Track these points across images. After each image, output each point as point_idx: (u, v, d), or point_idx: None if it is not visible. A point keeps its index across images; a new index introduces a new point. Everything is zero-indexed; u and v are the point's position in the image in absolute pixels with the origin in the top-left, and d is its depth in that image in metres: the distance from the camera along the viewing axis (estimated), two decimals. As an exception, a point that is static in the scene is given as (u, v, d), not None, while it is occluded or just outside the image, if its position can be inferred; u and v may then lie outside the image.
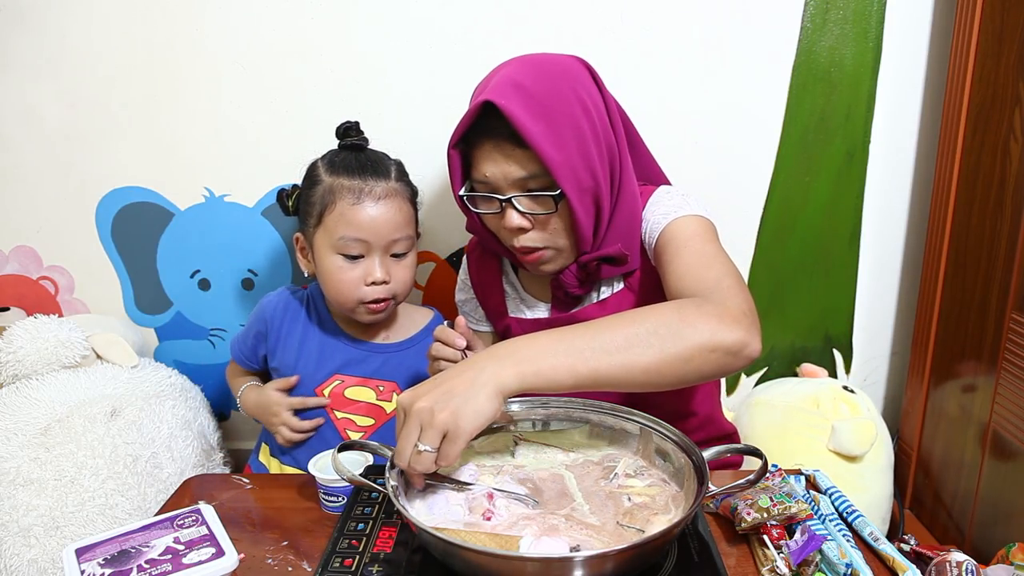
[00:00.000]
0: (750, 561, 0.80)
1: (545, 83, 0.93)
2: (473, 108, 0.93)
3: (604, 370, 0.75)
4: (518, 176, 0.94)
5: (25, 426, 1.17)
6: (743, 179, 1.38)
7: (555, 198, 0.94)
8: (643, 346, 0.76)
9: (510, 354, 0.75)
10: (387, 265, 1.07)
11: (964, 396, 1.23)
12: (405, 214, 1.08)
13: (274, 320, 1.16)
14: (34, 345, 1.23)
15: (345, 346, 1.16)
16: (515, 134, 0.91)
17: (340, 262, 1.06)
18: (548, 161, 0.90)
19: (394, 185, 1.08)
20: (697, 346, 0.77)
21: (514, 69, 0.95)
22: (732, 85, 1.33)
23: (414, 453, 0.72)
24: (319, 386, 1.15)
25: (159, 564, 0.73)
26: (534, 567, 0.68)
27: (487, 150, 0.95)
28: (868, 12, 1.29)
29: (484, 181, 0.96)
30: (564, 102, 0.93)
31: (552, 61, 0.98)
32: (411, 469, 0.73)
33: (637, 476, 0.85)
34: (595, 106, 0.96)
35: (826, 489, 0.95)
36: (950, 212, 1.25)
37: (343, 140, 1.11)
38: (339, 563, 0.79)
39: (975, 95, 1.18)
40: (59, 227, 1.43)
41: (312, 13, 1.30)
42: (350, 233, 1.04)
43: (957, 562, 0.77)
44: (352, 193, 1.04)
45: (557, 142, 0.91)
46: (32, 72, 1.35)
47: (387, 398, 1.17)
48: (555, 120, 0.92)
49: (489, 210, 0.99)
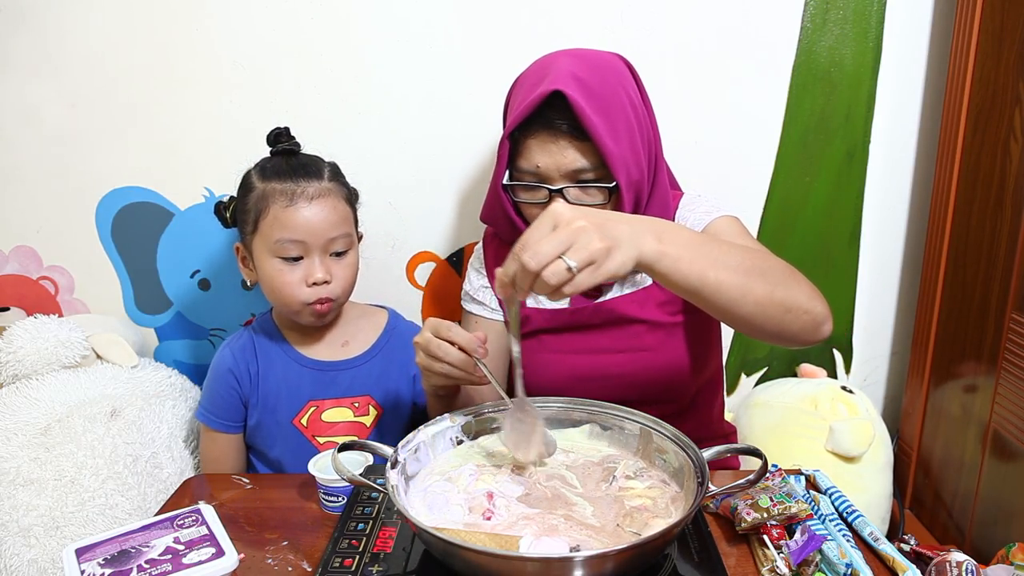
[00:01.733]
0: (750, 561, 0.80)
1: (601, 78, 0.95)
2: (537, 96, 0.93)
3: (726, 285, 0.77)
4: (573, 167, 0.95)
5: (25, 426, 1.17)
6: (743, 179, 1.38)
7: (610, 190, 0.96)
8: (762, 279, 0.79)
9: (658, 229, 0.74)
10: (327, 265, 1.06)
11: (964, 396, 1.23)
12: (341, 212, 1.07)
13: (236, 368, 1.13)
14: (34, 345, 1.23)
15: (311, 371, 1.14)
16: (573, 125, 0.92)
17: (279, 265, 1.05)
18: (607, 154, 0.92)
19: (327, 185, 1.07)
20: (799, 303, 0.82)
21: (571, 62, 0.96)
22: (732, 85, 1.33)
23: (555, 262, 0.67)
24: (296, 416, 1.13)
25: (159, 564, 0.73)
26: (534, 567, 0.68)
27: (542, 140, 0.95)
28: (868, 12, 1.29)
29: (534, 171, 0.97)
30: (617, 97, 0.96)
31: (601, 57, 1.00)
32: (540, 279, 0.68)
33: (637, 478, 0.85)
34: (638, 103, 0.99)
35: (826, 489, 0.95)
36: (950, 212, 1.25)
37: (274, 146, 1.10)
38: (339, 563, 0.79)
39: (975, 95, 1.18)
40: (59, 227, 1.43)
41: (312, 13, 1.30)
42: (286, 235, 1.03)
43: (957, 562, 0.77)
44: (284, 196, 1.03)
45: (614, 136, 0.93)
46: (32, 72, 1.35)
47: (364, 412, 1.15)
48: (611, 114, 0.94)
49: (533, 199, 1.00)
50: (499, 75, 1.32)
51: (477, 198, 1.39)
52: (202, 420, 1.15)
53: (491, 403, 0.94)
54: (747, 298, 0.78)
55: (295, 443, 1.13)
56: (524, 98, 0.96)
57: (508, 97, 1.05)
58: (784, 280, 0.82)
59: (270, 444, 1.15)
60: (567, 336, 1.09)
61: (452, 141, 1.36)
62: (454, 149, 1.36)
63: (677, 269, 0.74)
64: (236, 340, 1.17)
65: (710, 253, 0.77)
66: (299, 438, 1.13)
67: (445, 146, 1.36)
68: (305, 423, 1.13)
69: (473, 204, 1.40)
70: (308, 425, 1.13)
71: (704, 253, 0.76)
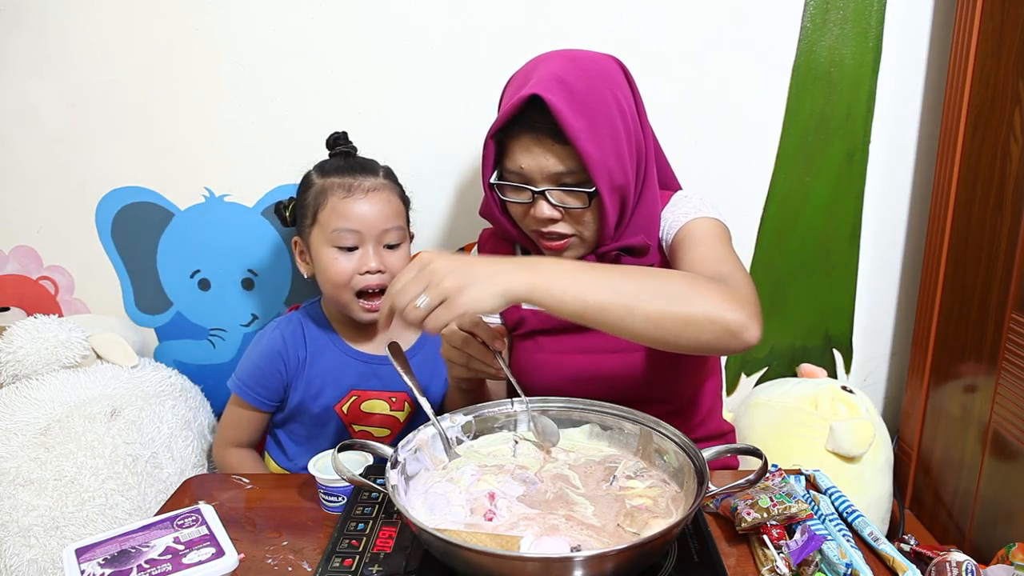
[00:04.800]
0: (750, 561, 0.80)
1: (586, 81, 0.95)
2: (518, 100, 0.94)
3: (609, 306, 0.79)
4: (555, 170, 0.96)
5: (25, 426, 1.17)
6: (743, 179, 1.38)
7: (589, 195, 0.96)
8: (651, 296, 0.80)
9: (530, 264, 0.80)
10: (381, 255, 1.11)
11: (964, 396, 1.23)
12: (395, 207, 1.13)
13: (285, 351, 1.16)
14: (34, 345, 1.23)
15: (356, 361, 1.18)
16: (555, 129, 0.93)
17: (335, 254, 1.10)
18: (587, 158, 0.93)
19: (383, 180, 1.13)
20: (701, 314, 0.81)
21: (557, 65, 0.97)
22: (732, 85, 1.33)
23: (410, 304, 0.76)
24: (338, 403, 1.17)
25: (159, 564, 0.73)
26: (534, 567, 0.68)
27: (525, 142, 0.96)
28: (868, 12, 1.29)
29: (518, 172, 0.98)
30: (603, 101, 0.96)
31: (591, 59, 1.00)
32: (399, 313, 0.77)
33: (638, 477, 0.85)
34: (628, 107, 0.99)
35: (826, 489, 0.95)
36: (950, 212, 1.25)
37: (332, 149, 1.17)
38: (339, 563, 0.79)
39: (975, 95, 1.18)
40: (59, 227, 1.43)
41: (312, 13, 1.30)
42: (342, 224, 1.08)
43: (957, 562, 0.77)
44: (342, 188, 1.09)
45: (596, 139, 0.93)
46: (32, 72, 1.34)
47: (400, 407, 1.20)
48: (595, 118, 0.94)
49: (518, 199, 1.01)
50: (499, 75, 1.32)
51: (477, 198, 1.39)
52: (236, 391, 1.17)
53: (491, 403, 0.94)
54: (636, 316, 0.80)
55: (333, 427, 1.18)
56: (509, 99, 0.97)
57: (501, 96, 1.06)
58: (682, 294, 0.82)
59: (309, 425, 1.19)
60: (563, 337, 1.09)
61: (452, 141, 1.36)
62: (454, 149, 1.36)
63: (554, 299, 0.78)
64: (287, 324, 1.19)
65: (590, 278, 0.81)
66: (338, 423, 1.18)
67: (445, 146, 1.36)
68: (346, 410, 1.17)
69: (473, 204, 1.39)
70: (348, 412, 1.18)
71: (583, 279, 0.80)
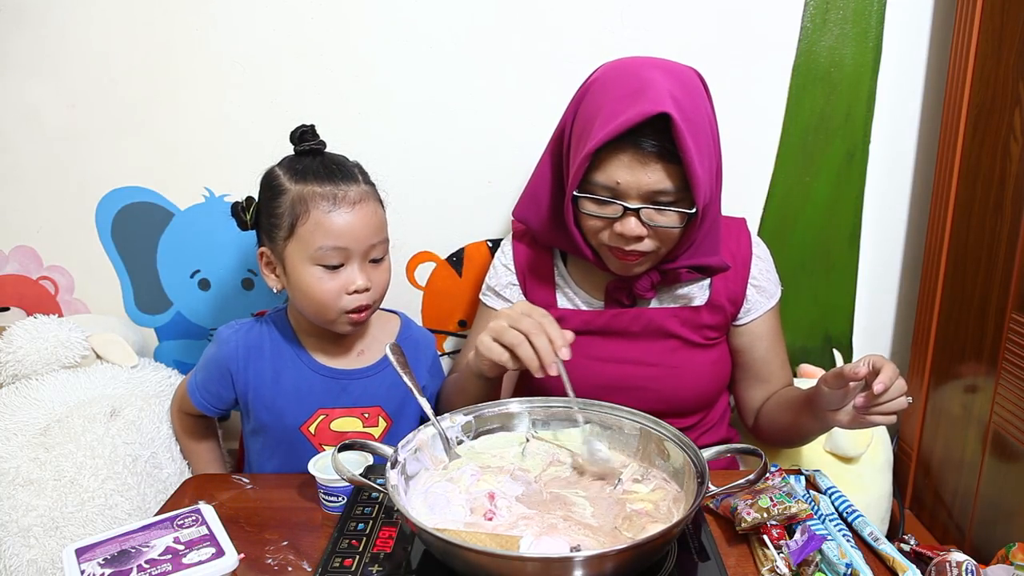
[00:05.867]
0: (750, 561, 0.80)
1: (692, 99, 0.93)
2: (638, 115, 0.88)
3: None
4: (655, 189, 0.93)
5: (25, 426, 1.17)
6: (743, 179, 1.38)
7: (689, 216, 0.94)
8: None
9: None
10: (367, 272, 1.02)
11: (964, 396, 1.23)
12: (379, 217, 1.04)
13: (237, 362, 1.09)
14: (34, 345, 1.23)
15: (323, 378, 1.10)
16: (665, 148, 0.90)
17: (319, 273, 1.00)
18: (695, 181, 0.90)
19: (364, 188, 1.03)
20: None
21: (666, 80, 0.92)
22: (732, 85, 1.33)
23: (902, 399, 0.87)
24: (304, 424, 1.10)
25: (159, 564, 0.73)
26: (534, 567, 0.68)
27: (627, 159, 0.92)
28: (868, 12, 1.29)
29: (611, 187, 0.94)
30: (706, 120, 0.94)
31: (687, 75, 0.97)
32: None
33: (642, 482, 0.84)
34: (715, 123, 0.99)
35: (826, 489, 0.95)
36: (950, 212, 1.25)
37: (299, 145, 1.04)
38: (339, 563, 0.79)
39: (975, 95, 1.18)
40: (59, 227, 1.43)
41: (312, 13, 1.30)
42: (329, 242, 0.98)
43: (957, 562, 0.77)
44: (326, 200, 0.98)
45: (703, 161, 0.91)
46: (32, 72, 1.34)
47: (373, 423, 1.12)
48: (700, 139, 0.92)
49: (604, 214, 0.97)
50: (499, 75, 1.33)
51: (477, 198, 1.39)
52: (188, 391, 1.14)
53: (491, 403, 0.95)
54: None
55: (301, 450, 1.09)
56: (615, 111, 0.91)
57: (582, 100, 1.00)
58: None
59: (273, 448, 1.12)
60: (600, 341, 1.09)
61: (452, 141, 1.36)
62: (454, 149, 1.36)
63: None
64: (246, 332, 1.12)
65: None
66: (305, 445, 1.10)
67: (445, 146, 1.36)
68: (313, 431, 1.10)
69: (473, 204, 1.40)
70: (316, 433, 1.10)
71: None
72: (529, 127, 1.30)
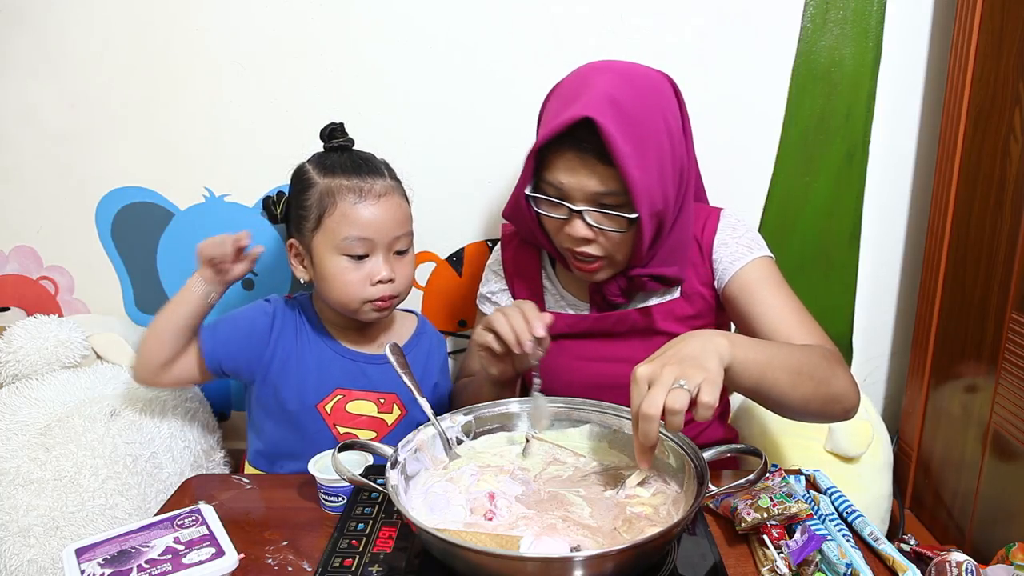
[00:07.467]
0: (750, 561, 0.80)
1: (638, 102, 0.93)
2: (568, 120, 0.90)
3: (780, 384, 0.84)
4: (595, 191, 0.94)
5: (25, 426, 1.17)
6: (743, 179, 1.38)
7: (629, 219, 0.94)
8: (808, 378, 0.87)
9: (724, 335, 0.81)
10: (391, 263, 1.07)
11: (964, 396, 1.23)
12: (404, 211, 1.09)
13: (272, 331, 1.11)
14: (34, 345, 1.23)
15: (343, 359, 1.14)
16: (601, 149, 0.90)
17: (345, 263, 1.04)
18: (631, 183, 0.90)
19: (390, 183, 1.08)
20: (836, 395, 0.90)
21: (610, 82, 0.94)
22: (732, 85, 1.33)
23: (673, 391, 0.71)
24: (321, 402, 1.12)
25: (159, 564, 0.73)
26: (534, 567, 0.68)
27: (568, 159, 0.94)
28: (868, 12, 1.29)
29: (557, 187, 0.96)
30: (653, 124, 0.94)
31: (645, 76, 0.98)
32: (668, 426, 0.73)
33: (644, 486, 0.84)
34: (676, 128, 0.98)
35: (826, 489, 0.95)
36: (950, 212, 1.25)
37: (329, 142, 1.10)
38: (339, 563, 0.79)
39: (975, 95, 1.18)
40: (59, 227, 1.43)
41: (312, 13, 1.30)
42: (354, 233, 1.03)
43: (957, 562, 0.77)
44: (353, 193, 1.03)
45: (642, 165, 0.91)
46: (32, 72, 1.35)
47: (388, 410, 1.15)
48: (643, 143, 0.92)
49: (554, 214, 0.99)
50: (499, 75, 1.33)
51: (477, 198, 1.39)
52: (201, 335, 1.09)
53: (491, 403, 0.95)
54: (795, 396, 0.86)
55: (314, 428, 1.11)
56: (557, 113, 0.94)
57: (543, 105, 1.03)
58: (827, 376, 0.89)
59: (289, 426, 1.12)
60: (588, 343, 1.09)
61: (452, 141, 1.36)
62: (454, 149, 1.37)
63: (746, 369, 0.81)
64: (283, 306, 1.15)
65: (769, 354, 0.84)
66: (319, 423, 1.11)
67: (445, 146, 1.36)
68: (329, 410, 1.12)
69: (473, 204, 1.40)
70: (332, 412, 1.12)
71: (766, 355, 0.83)
72: (529, 127, 1.29)
